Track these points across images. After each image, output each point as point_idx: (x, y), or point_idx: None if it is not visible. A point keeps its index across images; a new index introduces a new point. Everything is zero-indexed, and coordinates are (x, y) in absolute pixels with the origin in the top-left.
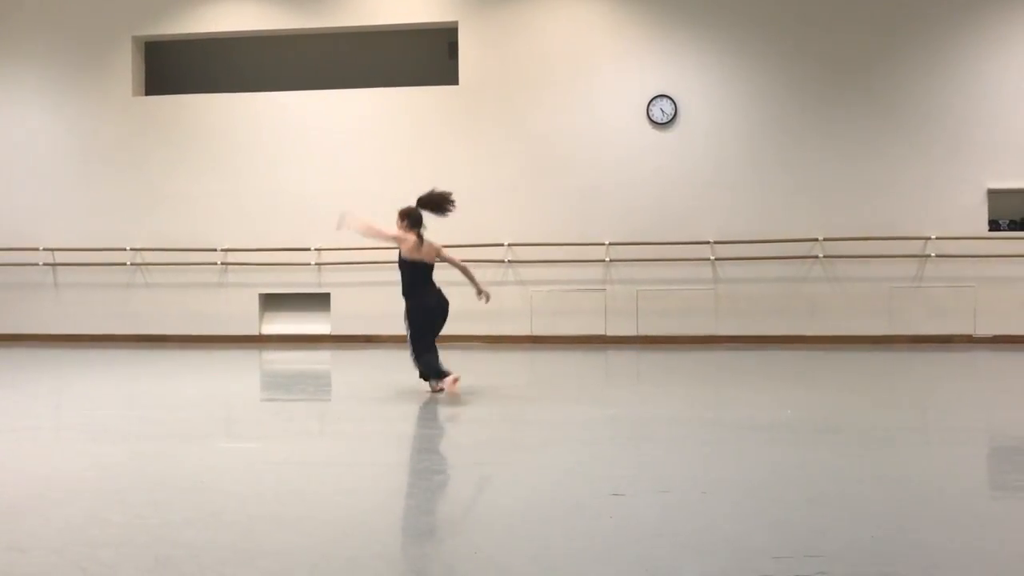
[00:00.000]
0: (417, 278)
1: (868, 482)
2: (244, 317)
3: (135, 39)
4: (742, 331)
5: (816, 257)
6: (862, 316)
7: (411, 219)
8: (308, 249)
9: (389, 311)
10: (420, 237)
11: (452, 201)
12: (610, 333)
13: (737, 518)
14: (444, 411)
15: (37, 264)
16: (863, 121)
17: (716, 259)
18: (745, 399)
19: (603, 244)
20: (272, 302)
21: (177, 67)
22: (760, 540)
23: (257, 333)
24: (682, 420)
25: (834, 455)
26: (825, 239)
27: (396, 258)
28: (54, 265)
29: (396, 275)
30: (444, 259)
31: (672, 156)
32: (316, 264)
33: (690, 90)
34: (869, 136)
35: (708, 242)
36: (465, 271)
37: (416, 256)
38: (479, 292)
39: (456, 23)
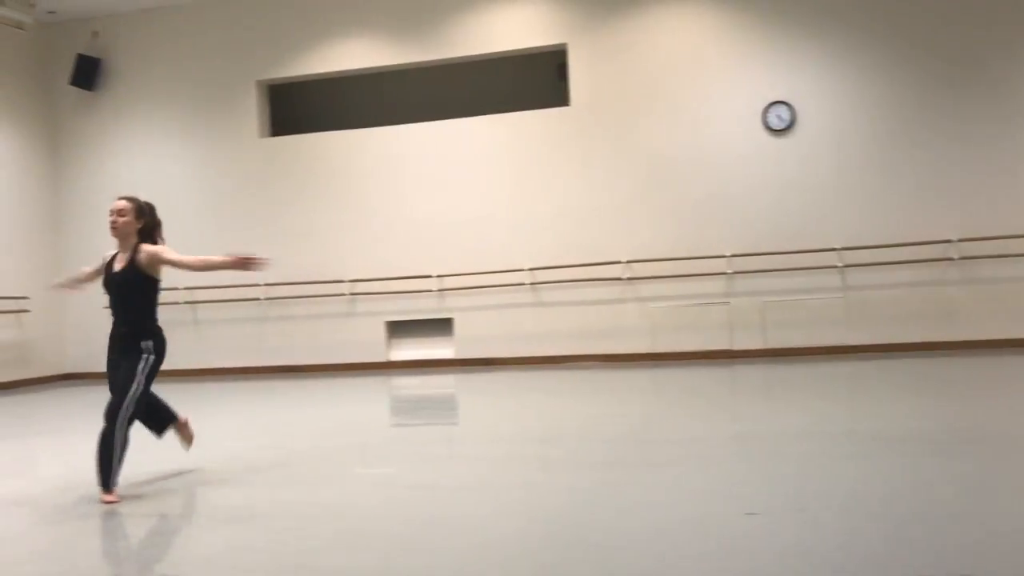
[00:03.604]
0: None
1: (1020, 496)
2: (372, 344)
3: (259, 83)
4: (874, 340)
5: (951, 259)
6: (1003, 319)
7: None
8: (430, 276)
9: (509, 333)
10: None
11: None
12: (736, 347)
13: (878, 536)
14: (566, 431)
15: (178, 303)
16: (993, 115)
17: (844, 266)
18: (880, 410)
19: (724, 256)
20: (398, 329)
21: (299, 107)
22: (904, 559)
23: (385, 360)
24: (815, 434)
25: (979, 468)
26: (960, 240)
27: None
28: (193, 303)
29: (514, 297)
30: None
31: (792, 163)
32: (438, 290)
33: (807, 94)
34: (1000, 130)
35: (835, 249)
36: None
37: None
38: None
39: (564, 45)
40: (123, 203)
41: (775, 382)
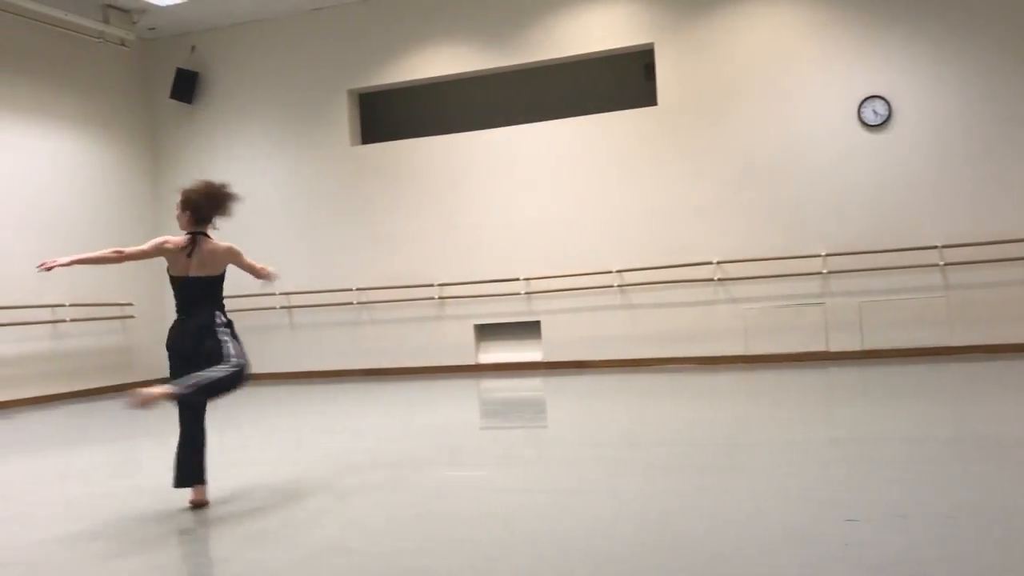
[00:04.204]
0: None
1: None
2: (461, 347)
3: (350, 92)
4: (978, 341)
5: None
6: None
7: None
8: (517, 279)
9: (598, 336)
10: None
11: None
12: (832, 349)
13: (987, 545)
14: (656, 435)
15: (275, 308)
16: None
17: (945, 264)
18: (987, 414)
19: (819, 256)
20: (486, 332)
21: (389, 114)
22: (1016, 570)
23: (474, 363)
24: (917, 439)
25: None
26: None
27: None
28: (289, 308)
29: (603, 299)
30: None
31: (889, 159)
32: (526, 293)
33: (905, 88)
34: None
35: (935, 247)
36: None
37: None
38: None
39: (652, 44)
40: None
41: (873, 385)
